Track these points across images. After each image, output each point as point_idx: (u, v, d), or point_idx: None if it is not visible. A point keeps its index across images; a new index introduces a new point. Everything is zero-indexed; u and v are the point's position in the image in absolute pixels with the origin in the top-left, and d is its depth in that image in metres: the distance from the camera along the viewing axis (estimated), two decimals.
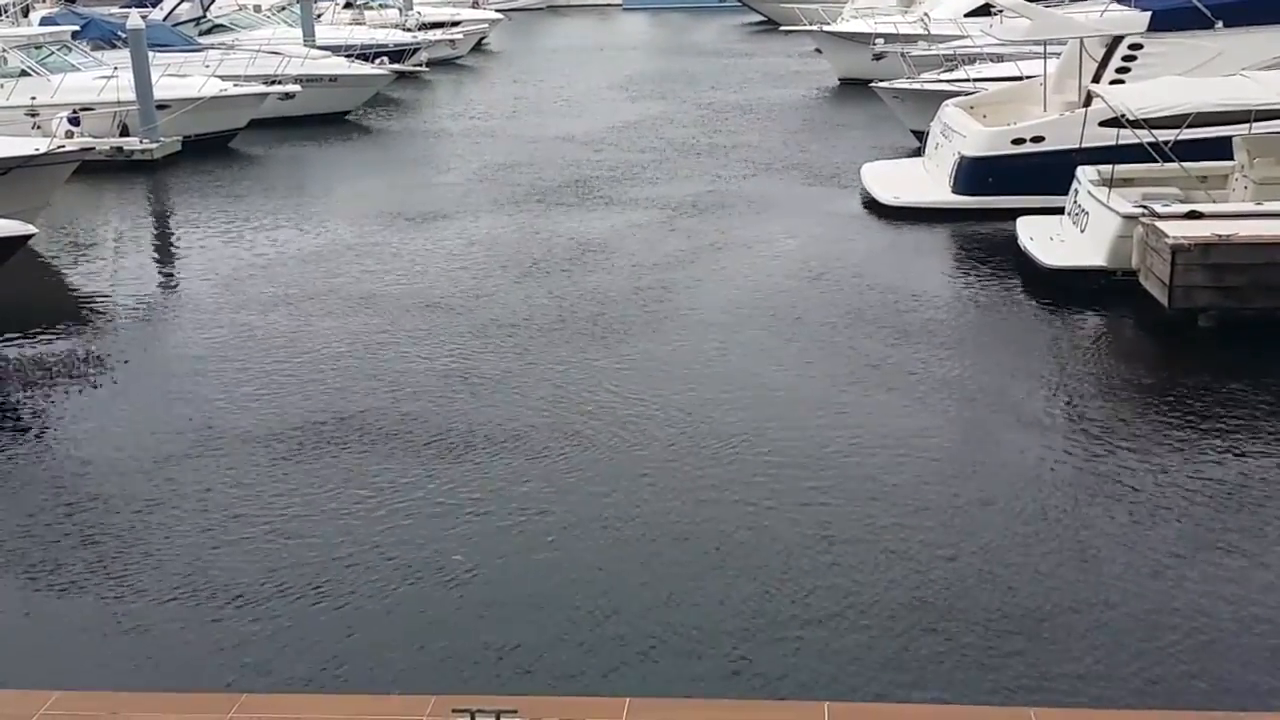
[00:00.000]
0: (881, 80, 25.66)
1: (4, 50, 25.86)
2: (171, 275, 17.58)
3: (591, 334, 13.70)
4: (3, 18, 35.68)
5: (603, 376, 12.37)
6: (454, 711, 6.27)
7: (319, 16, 39.24)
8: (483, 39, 47.48)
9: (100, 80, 25.14)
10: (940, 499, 9.61)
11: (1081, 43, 19.81)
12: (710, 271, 16.22)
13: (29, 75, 25.36)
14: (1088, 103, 18.03)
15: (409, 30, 41.14)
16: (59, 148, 18.33)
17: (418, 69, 36.56)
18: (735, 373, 12.48)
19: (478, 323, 14.19)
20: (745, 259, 16.77)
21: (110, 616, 8.25)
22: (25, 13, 37.05)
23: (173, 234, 20.11)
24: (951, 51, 26.46)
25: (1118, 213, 14.61)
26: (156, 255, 18.97)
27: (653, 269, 16.31)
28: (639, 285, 15.53)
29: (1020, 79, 22.42)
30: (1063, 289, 14.81)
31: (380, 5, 46.90)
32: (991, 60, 25.66)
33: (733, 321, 14.10)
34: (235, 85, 26.99)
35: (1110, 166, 15.40)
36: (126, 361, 13.49)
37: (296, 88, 28.18)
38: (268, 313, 14.84)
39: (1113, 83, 18.22)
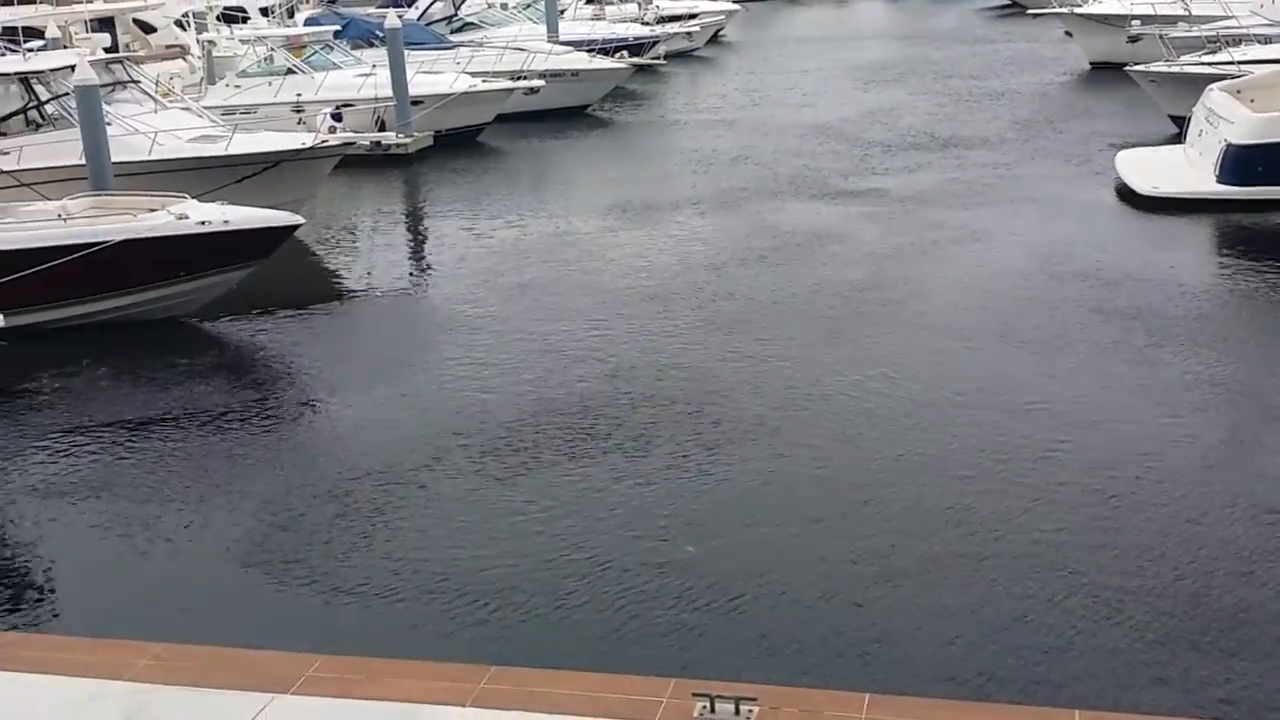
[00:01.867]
0: (1137, 64, 24.49)
1: (272, 49, 27.45)
2: (424, 263, 18.32)
3: (828, 327, 13.58)
4: (270, 18, 37.93)
5: (842, 372, 12.22)
6: (694, 695, 6.33)
7: (562, 12, 40.10)
8: (719, 30, 47.60)
9: (360, 78, 26.38)
10: (1211, 508, 9.13)
11: None
12: (954, 265, 15.82)
13: (295, 73, 26.79)
14: None
15: (647, 24, 41.61)
16: (323, 142, 19.33)
17: (655, 62, 36.91)
18: (982, 371, 12.13)
19: (716, 315, 14.24)
20: (991, 252, 16.29)
21: (372, 588, 8.67)
22: (290, 13, 39.28)
23: (425, 224, 20.96)
24: (1214, 33, 25.01)
25: None
26: (411, 245, 19.81)
27: (891, 262, 16.02)
28: (876, 279, 15.27)
29: None
30: None
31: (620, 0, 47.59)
32: (1259, 42, 24.14)
33: (978, 318, 13.71)
34: (483, 81, 27.86)
35: None
36: (383, 345, 14.13)
37: (540, 83, 28.85)
38: (513, 301, 15.29)
39: None
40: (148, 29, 35.08)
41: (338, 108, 24.72)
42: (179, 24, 35.05)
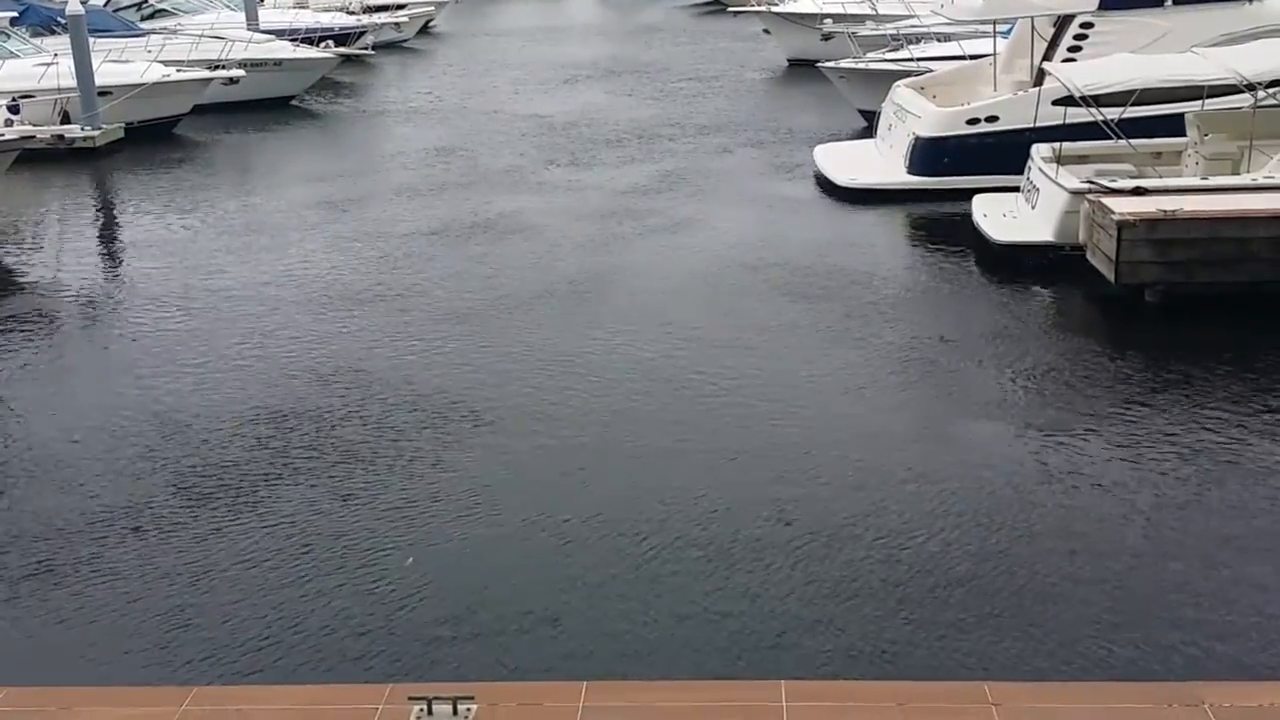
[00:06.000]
0: (829, 61, 25.67)
1: None
2: (115, 265, 17.28)
3: (529, 320, 13.59)
4: None
5: (554, 363, 12.26)
6: (410, 699, 6.21)
7: (262, 0, 38.73)
8: (430, 21, 47.10)
9: (40, 67, 24.64)
10: (884, 475, 9.62)
11: (1032, 22, 19.90)
12: (661, 256, 16.14)
13: None
14: (1039, 81, 18.13)
15: (354, 13, 40.71)
16: None
17: (363, 52, 36.20)
18: (681, 356, 12.40)
19: (419, 309, 14.03)
20: (697, 243, 16.71)
21: (56, 613, 8.10)
22: None
23: (116, 223, 19.79)
24: (896, 31, 26.51)
25: (1065, 188, 14.71)
26: (99, 245, 18.66)
27: (596, 253, 16.19)
28: (580, 270, 15.36)
29: (965, 58, 22.51)
30: (1013, 265, 14.90)
31: None
32: (937, 40, 25.74)
33: (682, 304, 14.04)
34: (178, 71, 26.61)
35: (1060, 143, 15.50)
36: (66, 357, 13.28)
37: (241, 72, 27.82)
38: (213, 302, 14.63)
39: (1064, 62, 18.34)
40: None
41: (15, 99, 22.98)
42: None
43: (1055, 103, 16.54)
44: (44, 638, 7.85)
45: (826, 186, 19.57)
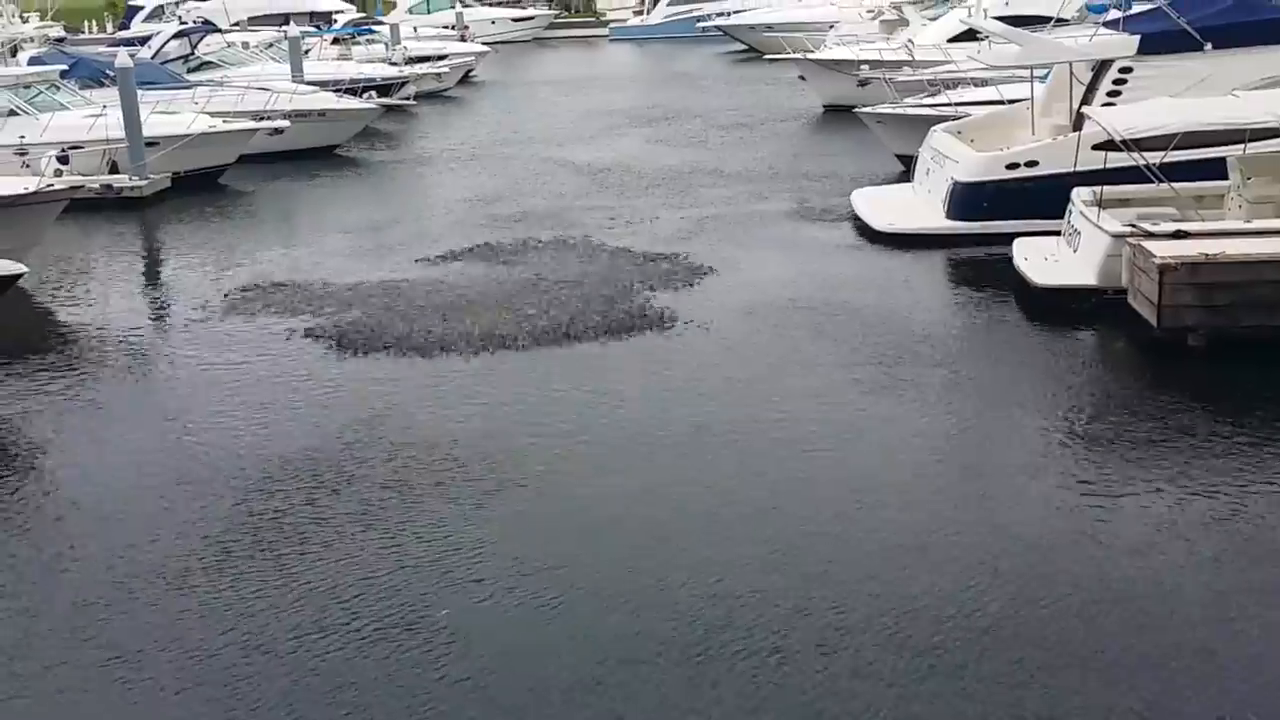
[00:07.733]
0: (866, 106, 25.76)
1: None
2: (162, 313, 17.51)
3: (566, 365, 13.65)
4: None
5: (573, 415, 12.22)
6: None
7: (307, 52, 39.35)
8: (470, 71, 47.69)
9: (89, 119, 25.15)
10: (929, 522, 9.57)
11: (1070, 66, 19.90)
12: (698, 300, 16.13)
13: (18, 114, 25.35)
14: (1078, 126, 18.09)
15: (396, 64, 41.29)
16: (48, 186, 18.27)
17: (405, 102, 36.70)
18: (724, 405, 12.40)
19: (457, 357, 14.03)
20: (734, 287, 16.70)
21: (96, 670, 8.17)
22: (14, 52, 37.18)
23: (162, 271, 20.08)
24: (933, 76, 26.57)
25: (1107, 232, 14.67)
26: (146, 293, 18.91)
27: (636, 302, 16.14)
28: (619, 320, 15.23)
29: (1002, 103, 22.52)
30: (1055, 309, 14.84)
31: (367, 40, 47.10)
32: (974, 85, 25.78)
33: (719, 350, 14.06)
34: (224, 121, 27.03)
35: (1101, 187, 15.47)
36: (113, 401, 13.44)
37: (285, 123, 28.23)
38: (259, 351, 14.77)
39: (1104, 106, 18.30)
40: None
41: (64, 150, 23.42)
42: None
43: (1095, 147, 16.47)
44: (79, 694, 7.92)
45: (864, 231, 19.57)
